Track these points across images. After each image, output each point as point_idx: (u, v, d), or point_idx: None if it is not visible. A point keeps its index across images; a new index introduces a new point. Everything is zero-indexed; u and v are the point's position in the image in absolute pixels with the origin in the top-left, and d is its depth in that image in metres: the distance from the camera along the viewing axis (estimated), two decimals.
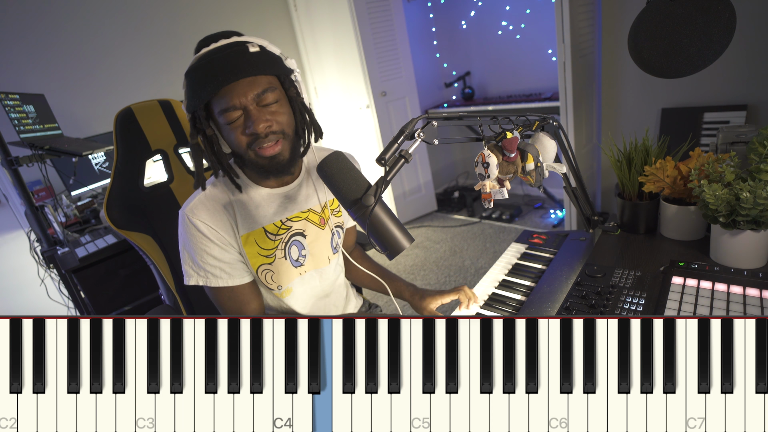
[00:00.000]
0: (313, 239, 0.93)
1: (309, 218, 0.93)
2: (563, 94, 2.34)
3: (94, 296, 1.62)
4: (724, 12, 0.87)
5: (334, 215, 0.97)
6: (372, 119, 3.07)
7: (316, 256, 0.94)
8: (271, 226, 0.88)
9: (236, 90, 0.73)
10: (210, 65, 0.73)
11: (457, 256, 2.77)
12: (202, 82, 0.73)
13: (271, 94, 0.77)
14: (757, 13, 1.93)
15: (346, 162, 0.63)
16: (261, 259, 0.88)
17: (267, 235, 0.88)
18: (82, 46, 2.43)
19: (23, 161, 1.58)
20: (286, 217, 0.90)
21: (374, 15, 2.86)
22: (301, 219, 0.91)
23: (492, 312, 0.91)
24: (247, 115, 0.75)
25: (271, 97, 0.77)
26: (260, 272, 0.88)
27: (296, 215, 0.91)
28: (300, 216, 0.91)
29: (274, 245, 0.89)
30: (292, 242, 0.91)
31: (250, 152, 0.78)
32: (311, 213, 0.93)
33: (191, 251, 0.84)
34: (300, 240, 0.91)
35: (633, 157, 1.03)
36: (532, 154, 0.78)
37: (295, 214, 0.91)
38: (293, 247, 0.91)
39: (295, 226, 0.91)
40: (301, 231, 0.91)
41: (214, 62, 0.73)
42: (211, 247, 0.83)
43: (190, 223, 0.82)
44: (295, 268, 0.92)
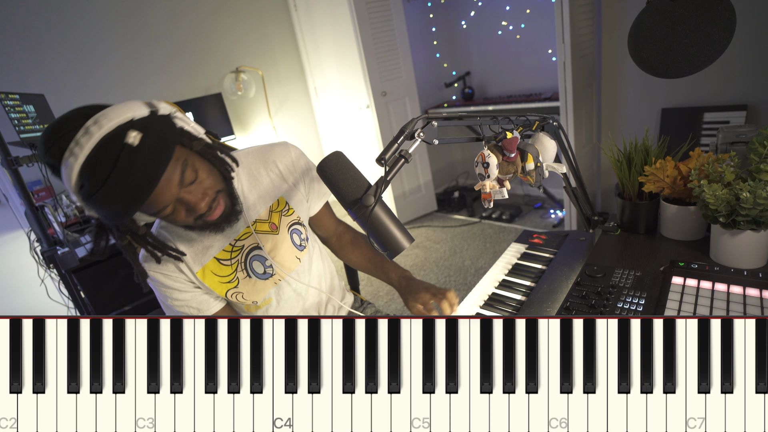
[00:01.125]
0: (272, 247, 0.90)
1: (257, 229, 0.89)
2: (563, 94, 2.34)
3: (94, 296, 1.62)
4: (724, 12, 0.87)
5: (284, 215, 0.93)
6: (372, 119, 3.07)
7: (283, 262, 0.92)
8: (221, 252, 0.87)
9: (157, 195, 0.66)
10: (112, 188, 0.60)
11: (457, 256, 2.77)
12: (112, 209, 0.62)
13: (189, 171, 0.69)
14: (757, 13, 1.93)
15: (346, 162, 0.63)
16: (225, 285, 0.89)
17: (221, 263, 0.87)
18: (82, 46, 2.43)
19: (23, 161, 1.58)
20: (234, 239, 0.88)
21: (374, 15, 2.86)
22: (249, 234, 0.89)
23: (492, 312, 0.91)
24: (182, 204, 0.70)
25: (190, 175, 0.69)
26: (230, 296, 0.89)
27: (242, 233, 0.88)
28: (247, 231, 0.89)
29: (233, 269, 0.88)
30: (252, 258, 0.90)
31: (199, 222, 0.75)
32: (258, 224, 0.90)
33: (160, 301, 0.88)
34: (258, 254, 0.90)
35: (633, 157, 1.03)
36: (532, 154, 0.78)
37: (241, 232, 0.88)
38: (255, 263, 0.90)
39: (246, 243, 0.89)
40: (254, 245, 0.90)
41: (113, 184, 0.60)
42: (171, 292, 0.86)
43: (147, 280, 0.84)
44: (265, 280, 0.91)
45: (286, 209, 0.94)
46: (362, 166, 0.77)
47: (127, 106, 0.64)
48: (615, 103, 2.52)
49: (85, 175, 0.60)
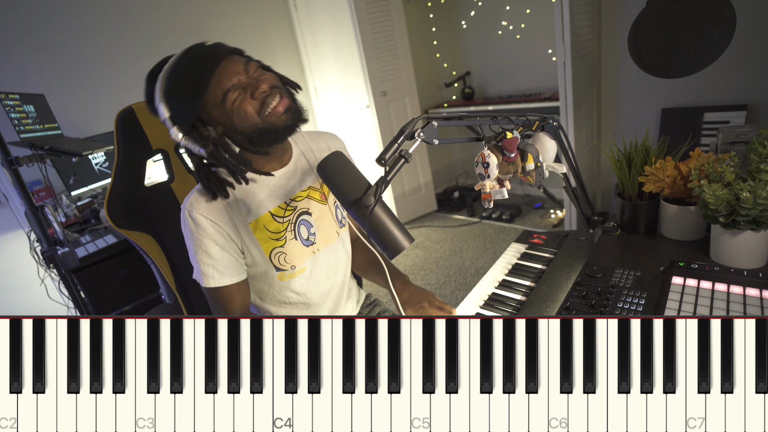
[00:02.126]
0: (319, 216, 0.94)
1: (310, 195, 0.94)
2: (563, 94, 2.34)
3: (94, 296, 1.62)
4: (724, 12, 0.87)
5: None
6: (372, 119, 3.07)
7: (325, 232, 0.96)
8: (276, 209, 0.90)
9: (225, 70, 0.76)
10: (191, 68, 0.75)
11: (457, 256, 2.76)
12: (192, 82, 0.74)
13: (253, 63, 0.80)
14: (757, 13, 1.93)
15: (346, 162, 0.63)
16: (272, 243, 0.89)
17: (274, 219, 0.89)
18: (82, 46, 2.43)
19: (23, 161, 1.58)
20: (290, 198, 0.91)
21: (374, 15, 2.86)
22: (303, 197, 0.93)
23: (492, 312, 0.91)
24: (247, 84, 0.78)
25: (253, 65, 0.80)
26: (273, 255, 0.90)
27: (298, 194, 0.92)
28: (301, 195, 0.93)
29: (284, 227, 0.90)
30: (300, 222, 0.92)
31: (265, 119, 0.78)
32: (311, 190, 0.94)
33: (189, 247, 0.86)
34: (307, 219, 0.93)
35: (633, 157, 1.03)
36: (532, 154, 0.78)
37: (297, 193, 0.92)
38: (302, 227, 0.92)
39: (299, 205, 0.92)
40: (306, 209, 0.93)
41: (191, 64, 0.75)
42: (207, 243, 0.84)
43: (190, 217, 0.83)
44: (306, 247, 0.93)
45: None
46: (362, 166, 0.78)
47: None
48: (615, 103, 2.52)
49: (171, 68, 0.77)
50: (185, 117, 0.76)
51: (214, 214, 0.83)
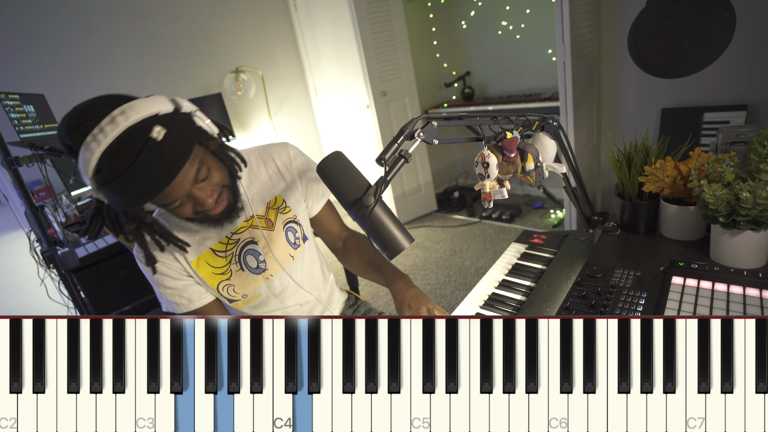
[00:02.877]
0: (265, 243, 0.92)
1: (254, 225, 0.91)
2: (563, 94, 2.34)
3: (94, 296, 1.62)
4: (724, 12, 0.87)
5: (280, 213, 0.94)
6: (372, 119, 3.07)
7: (275, 259, 0.93)
8: (217, 244, 0.89)
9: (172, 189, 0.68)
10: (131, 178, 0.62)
11: (457, 256, 2.76)
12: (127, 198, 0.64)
13: (203, 169, 0.71)
14: (757, 13, 1.92)
15: (346, 162, 0.63)
16: (217, 277, 0.90)
17: (216, 254, 0.89)
18: (82, 46, 2.43)
19: (23, 161, 1.58)
20: (231, 231, 0.90)
21: (374, 15, 2.86)
22: (246, 228, 0.91)
23: (492, 312, 0.91)
24: (191, 199, 0.73)
25: (204, 173, 0.72)
26: (221, 288, 0.90)
27: (240, 227, 0.91)
28: (244, 226, 0.91)
29: (227, 261, 0.90)
30: (246, 252, 0.91)
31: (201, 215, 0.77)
32: (253, 220, 0.91)
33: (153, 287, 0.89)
34: (252, 248, 0.92)
35: (633, 157, 1.03)
36: (532, 154, 0.78)
37: (239, 226, 0.90)
38: (249, 257, 0.92)
39: (242, 237, 0.91)
40: (250, 239, 0.91)
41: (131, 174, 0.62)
42: (164, 279, 0.86)
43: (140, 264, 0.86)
44: (258, 275, 0.93)
45: (283, 207, 0.95)
46: (362, 166, 0.77)
47: (153, 100, 0.67)
48: (615, 103, 2.52)
49: (105, 162, 0.62)
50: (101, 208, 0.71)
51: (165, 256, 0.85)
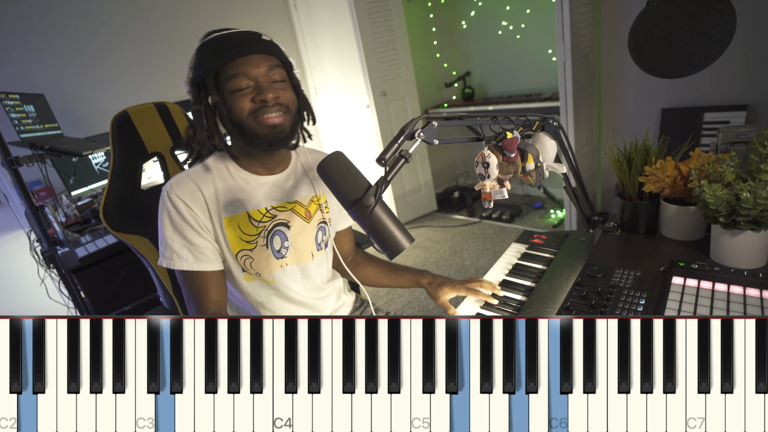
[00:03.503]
0: (297, 231, 0.93)
1: (295, 210, 0.93)
2: (563, 94, 2.34)
3: (94, 296, 1.62)
4: (724, 12, 0.87)
5: (321, 211, 0.97)
6: (372, 119, 3.07)
7: (298, 249, 0.94)
8: (255, 212, 0.89)
9: (250, 61, 0.79)
10: (227, 39, 0.79)
11: (457, 256, 2.76)
12: (218, 51, 0.78)
13: (280, 72, 0.83)
14: (757, 13, 1.93)
15: (346, 162, 0.63)
16: (242, 244, 0.88)
17: (251, 221, 0.88)
18: (82, 47, 2.43)
19: (23, 161, 1.58)
20: (272, 205, 0.90)
21: (374, 15, 2.86)
22: (287, 209, 0.92)
23: (492, 312, 0.91)
24: (258, 85, 0.80)
25: (279, 75, 0.82)
26: (240, 257, 0.89)
27: (282, 205, 0.91)
28: (286, 206, 0.92)
29: (257, 232, 0.89)
30: (275, 232, 0.91)
31: (252, 121, 0.81)
32: (297, 205, 0.93)
33: (162, 230, 0.85)
34: (283, 230, 0.91)
35: (633, 157, 1.03)
36: (532, 154, 0.78)
37: (281, 203, 0.91)
38: (276, 237, 0.91)
39: (279, 215, 0.91)
40: (285, 222, 0.92)
41: (231, 37, 0.80)
42: (182, 226, 0.83)
43: (168, 198, 0.83)
44: (276, 259, 0.91)
45: (324, 205, 0.98)
46: (362, 166, 0.78)
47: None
48: (615, 103, 2.52)
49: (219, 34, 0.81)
50: (197, 72, 0.81)
51: (192, 199, 0.84)
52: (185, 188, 0.84)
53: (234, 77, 0.79)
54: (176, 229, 0.84)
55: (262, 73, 0.80)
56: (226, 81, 0.79)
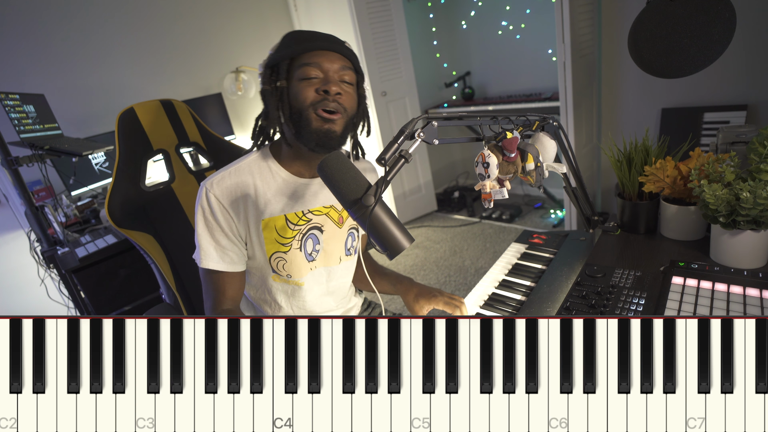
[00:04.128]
0: (329, 236, 0.94)
1: (329, 215, 0.94)
2: (563, 94, 2.34)
3: (94, 296, 1.62)
4: (724, 12, 0.87)
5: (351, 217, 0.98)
6: (372, 119, 3.07)
7: (328, 253, 0.95)
8: (293, 215, 0.90)
9: (326, 56, 0.82)
10: (314, 34, 0.84)
11: (457, 256, 2.76)
12: (301, 40, 0.82)
13: (351, 75, 0.85)
14: (757, 13, 1.92)
15: (345, 162, 0.63)
16: (277, 246, 0.89)
17: (288, 224, 0.89)
18: (82, 46, 2.43)
19: (23, 161, 1.58)
20: (308, 209, 0.91)
21: (374, 15, 2.86)
22: (322, 214, 0.93)
23: (492, 312, 0.91)
24: (327, 78, 0.82)
25: (349, 77, 0.84)
26: (273, 259, 0.90)
27: (318, 209, 0.92)
28: (321, 210, 0.93)
29: (293, 235, 0.90)
30: (309, 235, 0.92)
31: (311, 111, 0.82)
32: (332, 210, 0.94)
33: (196, 225, 0.86)
34: (316, 234, 0.92)
35: (633, 157, 1.03)
36: (532, 154, 0.78)
37: (317, 207, 0.92)
38: (309, 240, 0.92)
39: (315, 219, 0.92)
40: (320, 225, 0.92)
41: (317, 33, 0.84)
42: (213, 226, 0.85)
43: (205, 196, 0.84)
44: (308, 262, 0.92)
45: None
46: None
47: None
48: (615, 103, 2.52)
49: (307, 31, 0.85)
50: (275, 56, 0.84)
51: (229, 200, 0.85)
52: (224, 188, 0.85)
53: (307, 65, 0.81)
54: (207, 227, 0.85)
55: (334, 69, 0.82)
56: (299, 67, 0.81)
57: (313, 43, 0.82)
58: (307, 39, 0.82)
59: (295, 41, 0.82)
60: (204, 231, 0.85)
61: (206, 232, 0.85)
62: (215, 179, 0.85)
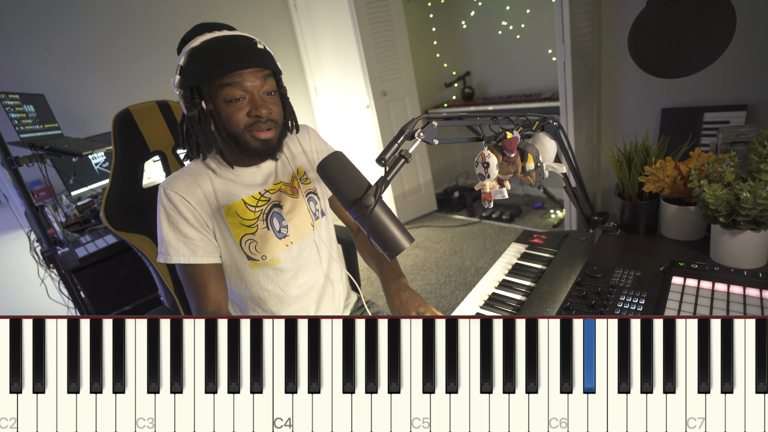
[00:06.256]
0: (290, 208, 0.97)
1: (282, 189, 0.97)
2: (563, 94, 2.34)
3: (94, 296, 1.62)
4: (724, 12, 0.87)
5: (303, 183, 1.01)
6: (372, 119, 3.07)
7: (298, 225, 0.97)
8: (249, 198, 0.93)
9: (246, 75, 0.81)
10: (225, 49, 0.80)
11: (457, 256, 2.76)
12: (216, 62, 0.79)
13: (271, 82, 0.86)
14: (757, 13, 1.93)
15: (346, 162, 0.63)
16: (244, 229, 0.91)
17: (247, 207, 0.92)
18: (82, 46, 2.43)
19: (23, 161, 1.58)
20: (264, 189, 0.95)
21: (374, 15, 2.86)
22: (276, 191, 0.96)
23: (492, 312, 0.91)
24: (253, 99, 0.83)
25: (270, 86, 0.85)
26: (243, 243, 0.91)
27: (270, 188, 0.96)
28: (274, 188, 0.96)
29: (255, 216, 0.92)
30: (273, 214, 0.95)
31: (246, 134, 0.84)
32: (282, 184, 0.98)
33: (159, 227, 0.87)
34: (278, 211, 0.95)
35: (633, 157, 1.03)
36: (532, 154, 0.78)
37: (269, 187, 0.96)
38: (274, 219, 0.95)
39: (272, 198, 0.95)
40: (278, 202, 0.95)
41: (229, 48, 0.80)
42: (178, 220, 0.86)
43: (164, 194, 0.86)
44: (279, 239, 0.95)
45: (305, 178, 1.02)
46: (362, 166, 0.78)
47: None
48: (615, 103, 2.52)
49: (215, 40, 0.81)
50: (190, 77, 0.81)
51: (189, 193, 0.86)
52: (182, 183, 0.87)
53: (229, 86, 0.81)
54: (172, 223, 0.86)
55: (256, 86, 0.83)
56: (221, 87, 0.81)
57: (230, 66, 0.79)
58: (221, 62, 0.79)
59: (211, 63, 0.79)
60: (169, 228, 0.86)
61: (171, 228, 0.86)
62: (171, 179, 0.88)
